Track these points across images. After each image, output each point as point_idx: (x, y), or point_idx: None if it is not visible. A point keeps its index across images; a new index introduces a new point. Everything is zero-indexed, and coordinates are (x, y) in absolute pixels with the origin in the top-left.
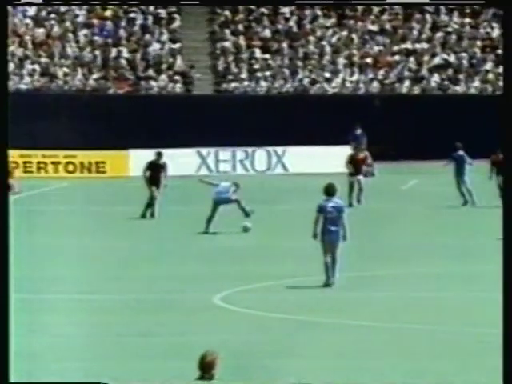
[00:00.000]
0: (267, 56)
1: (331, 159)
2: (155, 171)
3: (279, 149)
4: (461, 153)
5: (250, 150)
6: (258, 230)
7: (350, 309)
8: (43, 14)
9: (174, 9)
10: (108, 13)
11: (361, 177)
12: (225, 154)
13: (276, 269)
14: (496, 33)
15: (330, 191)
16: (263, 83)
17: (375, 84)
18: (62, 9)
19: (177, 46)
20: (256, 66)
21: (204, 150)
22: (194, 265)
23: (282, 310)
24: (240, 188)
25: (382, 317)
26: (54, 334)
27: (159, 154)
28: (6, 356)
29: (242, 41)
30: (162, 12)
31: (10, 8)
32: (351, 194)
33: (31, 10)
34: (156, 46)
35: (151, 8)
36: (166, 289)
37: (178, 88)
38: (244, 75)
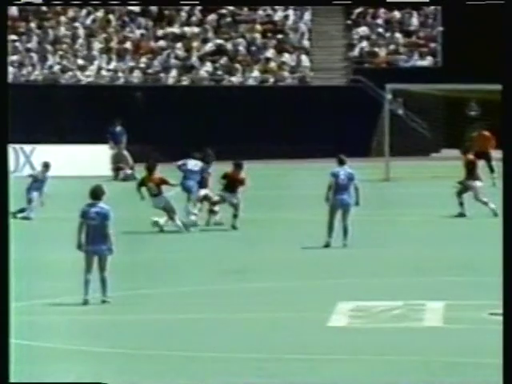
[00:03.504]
0: (14, 37)
1: (86, 160)
2: None
3: (27, 147)
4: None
5: None
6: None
7: (108, 333)
8: None
9: None
10: None
11: None
12: None
13: (30, 286)
14: (278, 15)
15: (95, 194)
16: (10, 69)
17: (136, 73)
18: None
19: None
20: None
21: None
22: None
23: (27, 336)
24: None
25: (146, 343)
26: None
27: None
28: (6, 356)
29: None
30: None
31: None
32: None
33: None
34: None
35: None
36: None
37: None
38: None
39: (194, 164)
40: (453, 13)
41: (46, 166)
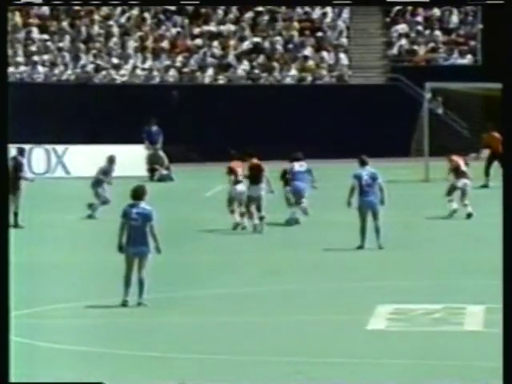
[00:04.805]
0: (46, 37)
1: (120, 160)
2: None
3: (59, 147)
4: None
5: (26, 147)
6: (30, 245)
7: (142, 336)
8: None
9: None
10: None
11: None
12: None
13: (49, 291)
14: (317, 13)
15: (136, 194)
16: (41, 69)
17: (172, 72)
18: None
19: None
20: (33, 49)
21: None
22: None
23: (50, 339)
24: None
25: (183, 346)
26: None
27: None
28: (6, 356)
29: (17, 18)
30: None
31: None
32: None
33: None
34: None
35: None
36: None
37: None
38: (21, 58)
39: (299, 165)
40: (493, 10)
41: (111, 160)
